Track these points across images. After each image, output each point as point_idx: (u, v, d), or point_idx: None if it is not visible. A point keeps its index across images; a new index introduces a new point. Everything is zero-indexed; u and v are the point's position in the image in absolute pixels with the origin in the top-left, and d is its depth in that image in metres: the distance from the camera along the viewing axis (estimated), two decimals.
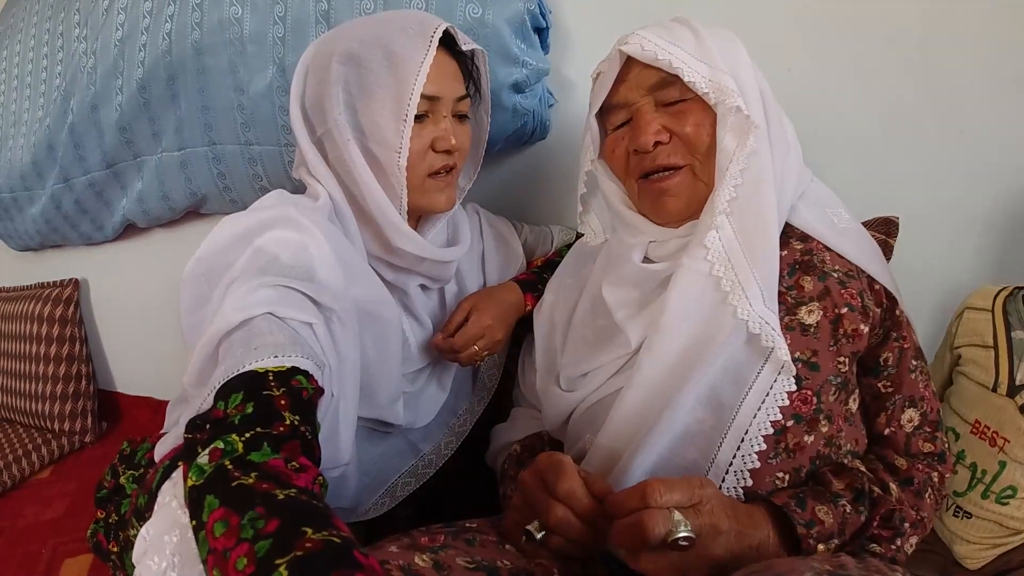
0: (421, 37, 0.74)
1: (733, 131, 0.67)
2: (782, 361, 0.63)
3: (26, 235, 1.82)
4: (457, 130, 0.80)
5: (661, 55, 0.68)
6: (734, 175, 0.66)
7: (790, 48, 0.95)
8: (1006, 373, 0.77)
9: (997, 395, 0.77)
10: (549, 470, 0.59)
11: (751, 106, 0.67)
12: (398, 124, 0.74)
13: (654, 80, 0.71)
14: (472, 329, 0.88)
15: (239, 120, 1.19)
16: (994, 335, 0.79)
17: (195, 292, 0.73)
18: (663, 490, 0.53)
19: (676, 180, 0.71)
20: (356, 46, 0.75)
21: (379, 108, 0.75)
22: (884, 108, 0.93)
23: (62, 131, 1.45)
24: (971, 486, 0.80)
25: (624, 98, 0.74)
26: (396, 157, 0.75)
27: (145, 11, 1.25)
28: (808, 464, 0.64)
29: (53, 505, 1.40)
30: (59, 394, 1.71)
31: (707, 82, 0.68)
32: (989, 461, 0.78)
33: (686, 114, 0.70)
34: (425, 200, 0.81)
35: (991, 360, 0.78)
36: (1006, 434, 0.76)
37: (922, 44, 0.89)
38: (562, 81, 1.11)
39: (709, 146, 0.69)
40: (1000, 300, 0.81)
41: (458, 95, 0.80)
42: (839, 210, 0.74)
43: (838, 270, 0.68)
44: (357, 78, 0.75)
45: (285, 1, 1.07)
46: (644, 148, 0.70)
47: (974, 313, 0.83)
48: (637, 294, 0.75)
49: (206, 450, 0.50)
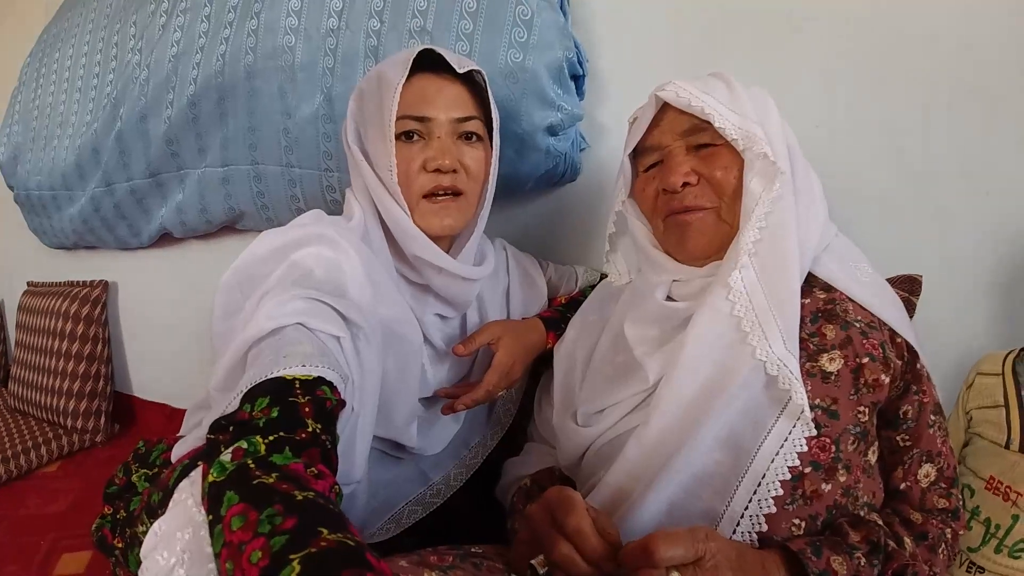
0: (403, 63, 0.80)
1: (760, 176, 0.70)
2: (799, 405, 0.63)
3: (61, 234, 1.87)
4: (462, 150, 0.83)
5: (695, 102, 0.72)
6: (759, 217, 0.69)
7: (820, 105, 0.98)
8: (1018, 430, 0.78)
9: (1010, 451, 0.78)
10: (558, 506, 0.58)
11: (778, 156, 0.70)
12: (385, 144, 0.79)
13: (687, 126, 0.74)
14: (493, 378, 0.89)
15: (283, 143, 1.23)
16: (1004, 394, 0.80)
17: (229, 300, 0.75)
18: (665, 547, 0.52)
19: (700, 215, 0.74)
20: (364, 83, 0.84)
21: (374, 132, 0.81)
22: (911, 167, 0.94)
23: (109, 137, 1.51)
24: (985, 541, 0.79)
25: (657, 141, 0.77)
26: (390, 175, 0.79)
27: (201, 31, 1.32)
28: (824, 513, 0.64)
29: (57, 500, 1.41)
30: (76, 391, 1.74)
31: (736, 129, 0.71)
32: (1003, 515, 0.77)
33: (715, 158, 0.73)
34: (422, 222, 0.81)
35: (1003, 418, 0.80)
36: (1019, 488, 0.76)
37: (950, 105, 0.91)
38: (595, 126, 1.15)
39: (736, 189, 0.72)
40: (1009, 362, 0.83)
41: (455, 116, 0.82)
42: (862, 264, 0.75)
43: (860, 320, 0.69)
44: (360, 109, 0.84)
45: (337, 34, 1.12)
46: (673, 188, 0.73)
47: (985, 378, 0.85)
48: (657, 331, 0.76)
49: (229, 449, 0.51)
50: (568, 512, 0.57)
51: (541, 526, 0.59)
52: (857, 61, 0.95)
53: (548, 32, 0.99)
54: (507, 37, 0.99)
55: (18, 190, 1.92)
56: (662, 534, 0.53)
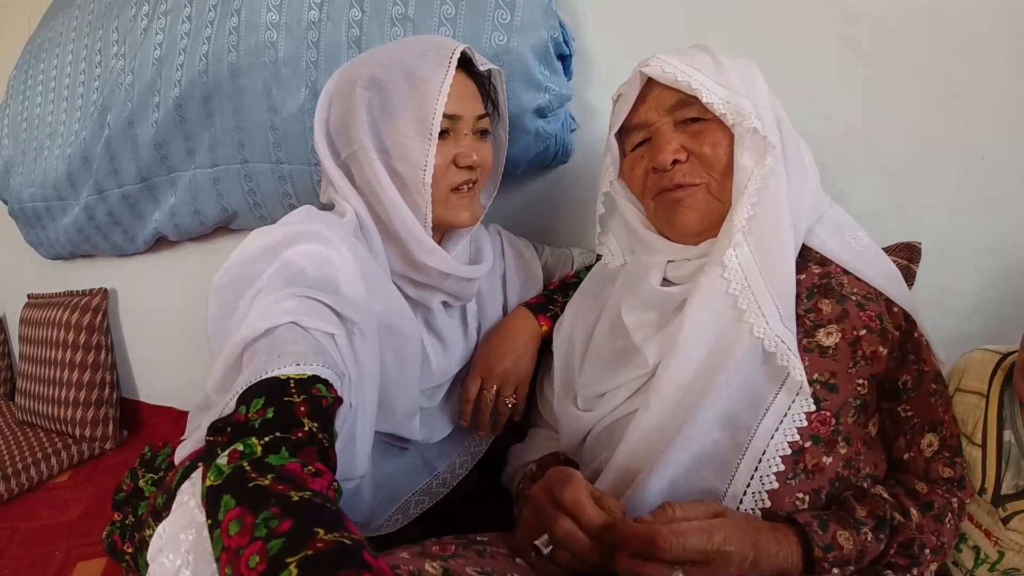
0: (440, 59, 0.77)
1: (751, 151, 0.69)
2: (797, 381, 0.62)
3: (57, 244, 1.87)
4: (479, 147, 0.83)
5: (680, 77, 0.70)
6: (752, 193, 0.67)
7: (813, 76, 0.96)
8: (992, 479, 0.71)
9: (984, 500, 0.72)
10: (557, 482, 0.59)
11: (768, 129, 0.68)
12: (423, 143, 0.77)
13: (673, 101, 0.72)
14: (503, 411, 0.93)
15: (271, 140, 1.22)
16: (984, 432, 0.72)
17: (222, 301, 0.74)
18: (673, 540, 0.52)
19: (691, 192, 0.72)
20: (379, 71, 0.79)
21: (403, 128, 0.77)
22: (906, 135, 0.93)
23: (98, 144, 1.51)
24: (977, 563, 0.77)
25: (644, 118, 0.75)
26: (421, 174, 0.77)
27: (183, 32, 1.30)
28: (828, 486, 0.63)
29: (69, 509, 1.42)
30: (82, 400, 1.74)
31: (725, 104, 0.69)
32: (989, 549, 0.75)
33: (704, 134, 0.71)
34: (450, 215, 0.82)
35: (978, 461, 0.72)
36: (998, 534, 0.72)
37: (946, 71, 0.90)
38: (584, 106, 1.13)
39: (726, 165, 0.70)
40: (999, 382, 0.73)
41: (478, 113, 0.83)
42: (858, 233, 0.74)
43: (856, 293, 0.69)
44: (380, 101, 0.78)
45: (319, 27, 1.11)
46: (662, 166, 0.72)
47: (965, 397, 0.75)
48: (655, 316, 0.75)
49: (225, 452, 0.51)
50: (565, 485, 0.58)
51: (543, 505, 0.60)
52: (851, 30, 0.93)
53: (532, 12, 0.98)
54: (490, 19, 0.98)
55: (12, 203, 1.92)
56: (671, 528, 0.53)
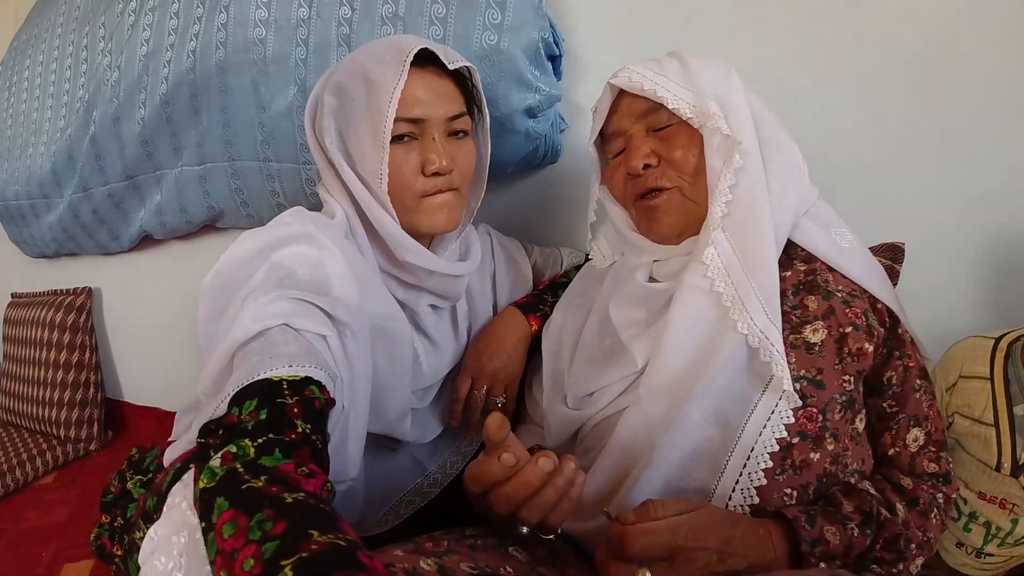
0: (395, 63, 0.75)
1: (719, 151, 0.71)
2: (780, 378, 0.63)
3: (41, 242, 1.85)
4: (454, 149, 0.80)
5: (647, 85, 0.73)
6: (723, 192, 0.69)
7: (797, 76, 0.97)
8: (1009, 454, 0.73)
9: (1002, 475, 0.74)
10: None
11: (740, 127, 0.71)
12: (377, 151, 0.75)
13: (643, 108, 0.75)
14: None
15: (259, 137, 1.21)
16: (995, 410, 0.74)
17: (213, 303, 0.74)
18: (642, 539, 0.54)
19: (664, 198, 0.74)
20: (343, 78, 0.78)
21: (362, 136, 0.76)
22: (891, 134, 0.95)
23: (83, 142, 1.48)
24: (987, 540, 0.78)
25: (618, 127, 0.78)
26: (379, 182, 0.76)
27: (171, 29, 1.28)
28: (815, 481, 0.65)
29: (55, 510, 1.40)
30: (67, 401, 1.72)
31: (690, 107, 0.72)
32: (1002, 520, 0.77)
33: (674, 138, 0.74)
34: (423, 221, 0.80)
35: (992, 438, 0.73)
36: (1015, 500, 0.74)
37: (930, 72, 0.91)
38: (573, 107, 1.14)
39: (696, 167, 0.73)
40: (1000, 362, 0.75)
41: (449, 114, 0.79)
42: (842, 230, 0.76)
43: (842, 290, 0.70)
44: (342, 109, 0.78)
45: (308, 24, 1.10)
46: (634, 171, 0.75)
47: (970, 383, 0.77)
48: (643, 314, 0.76)
49: (218, 454, 0.51)
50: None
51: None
52: (836, 30, 0.95)
53: (523, 12, 0.98)
54: (481, 19, 0.98)
55: None
56: (640, 528, 0.55)
